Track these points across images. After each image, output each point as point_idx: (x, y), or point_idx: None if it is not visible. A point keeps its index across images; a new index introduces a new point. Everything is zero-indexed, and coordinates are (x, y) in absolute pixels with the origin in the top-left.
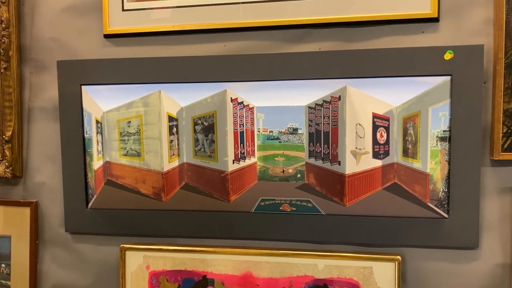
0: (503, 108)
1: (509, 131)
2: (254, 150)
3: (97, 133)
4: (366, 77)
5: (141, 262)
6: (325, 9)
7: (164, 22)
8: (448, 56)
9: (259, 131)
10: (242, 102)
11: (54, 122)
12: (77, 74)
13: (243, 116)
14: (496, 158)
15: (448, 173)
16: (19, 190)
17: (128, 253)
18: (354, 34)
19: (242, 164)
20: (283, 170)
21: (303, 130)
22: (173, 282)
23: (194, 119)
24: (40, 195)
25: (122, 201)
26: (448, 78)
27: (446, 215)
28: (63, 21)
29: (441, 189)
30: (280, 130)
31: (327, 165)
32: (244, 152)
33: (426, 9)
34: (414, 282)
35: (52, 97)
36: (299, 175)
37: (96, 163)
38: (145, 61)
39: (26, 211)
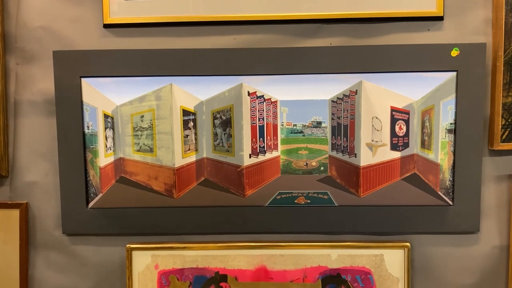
0: (501, 102)
1: (507, 123)
2: (277, 144)
3: (106, 128)
4: (380, 72)
5: (149, 262)
6: (336, 4)
7: (170, 12)
8: (454, 53)
9: (282, 125)
10: (262, 96)
11: (46, 117)
12: (76, 66)
13: (263, 110)
14: (495, 149)
15: (453, 162)
16: (4, 190)
17: (134, 253)
18: (363, 30)
19: (262, 158)
20: (307, 163)
21: (327, 124)
22: (184, 280)
23: (213, 113)
24: (30, 196)
25: (132, 199)
26: (454, 73)
27: (451, 203)
28: (54, 8)
29: (448, 178)
30: (304, 124)
31: (345, 158)
32: (264, 146)
33: (432, 8)
34: (421, 266)
35: (43, 90)
36: (322, 168)
37: (103, 160)
38: (155, 53)
39: (15, 213)
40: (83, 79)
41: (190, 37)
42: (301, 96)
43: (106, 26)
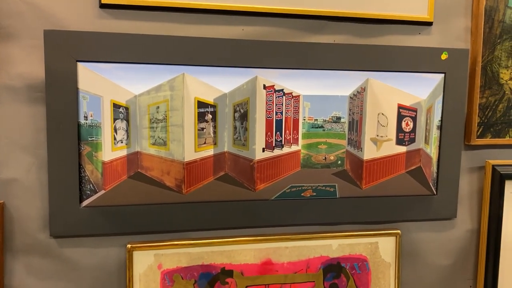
0: (478, 103)
1: (481, 121)
2: (297, 138)
3: (117, 119)
4: (383, 71)
5: (151, 261)
6: (341, 3)
7: None
8: (444, 56)
9: (304, 119)
10: (282, 90)
11: (28, 105)
12: (71, 49)
13: (281, 104)
14: (472, 143)
15: (438, 156)
16: None
17: (136, 253)
18: (362, 30)
19: (278, 152)
20: (325, 157)
21: (345, 119)
22: (188, 279)
23: (234, 106)
24: (7, 195)
25: (141, 196)
26: (443, 75)
27: (435, 192)
28: None
29: (435, 171)
30: (324, 119)
31: (355, 152)
32: (281, 140)
33: (424, 13)
34: (408, 251)
35: (24, 74)
36: (339, 162)
37: (110, 154)
38: (165, 40)
39: None
40: (80, 64)
41: (196, 25)
42: (320, 91)
43: (103, 6)
